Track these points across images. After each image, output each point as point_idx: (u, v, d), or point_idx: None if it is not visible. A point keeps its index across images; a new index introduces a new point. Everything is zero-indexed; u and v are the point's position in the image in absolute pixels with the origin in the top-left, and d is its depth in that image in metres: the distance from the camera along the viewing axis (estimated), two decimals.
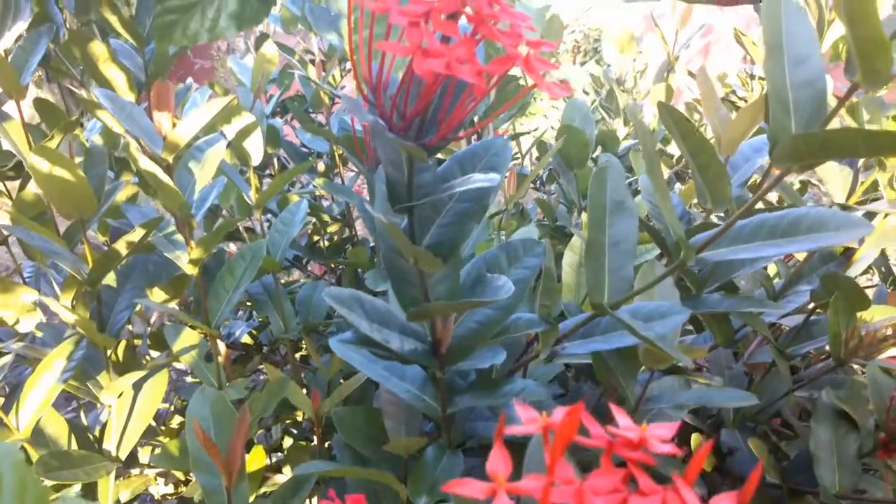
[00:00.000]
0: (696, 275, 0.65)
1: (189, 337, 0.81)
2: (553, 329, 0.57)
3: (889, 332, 0.67)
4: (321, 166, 1.32)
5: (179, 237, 0.72)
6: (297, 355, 1.11)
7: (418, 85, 0.36)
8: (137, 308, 0.81)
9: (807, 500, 0.68)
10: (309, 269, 1.34)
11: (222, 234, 0.69)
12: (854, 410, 0.63)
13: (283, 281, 1.34)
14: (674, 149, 1.25)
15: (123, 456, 0.71)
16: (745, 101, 1.28)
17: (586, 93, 1.52)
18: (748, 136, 0.64)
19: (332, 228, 1.25)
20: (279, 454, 1.07)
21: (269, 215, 1.22)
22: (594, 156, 1.14)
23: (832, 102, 0.45)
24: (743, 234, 0.49)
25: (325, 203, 1.28)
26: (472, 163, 0.46)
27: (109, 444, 0.72)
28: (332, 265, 1.24)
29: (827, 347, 0.67)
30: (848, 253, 0.68)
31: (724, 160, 0.64)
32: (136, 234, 0.66)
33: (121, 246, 0.66)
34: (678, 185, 1.27)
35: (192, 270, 0.71)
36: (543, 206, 1.07)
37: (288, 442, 1.00)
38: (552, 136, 1.18)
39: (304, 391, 1.03)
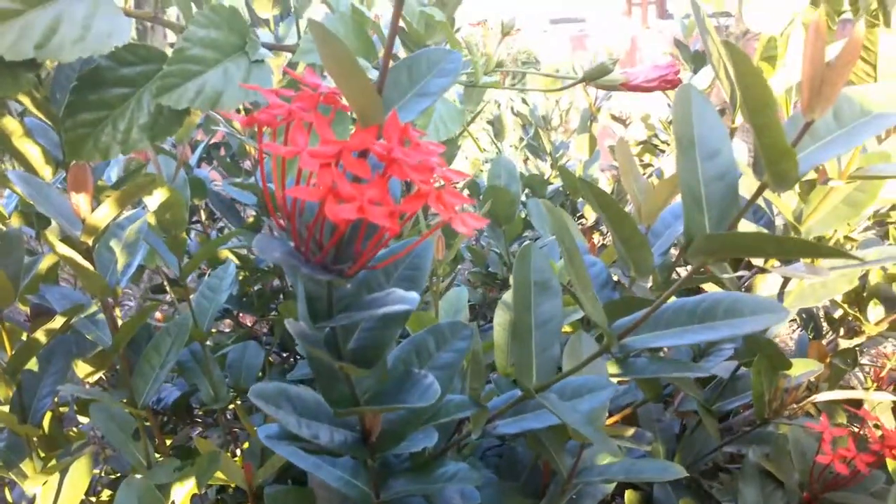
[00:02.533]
0: None
1: None
2: (483, 411, 0.57)
3: (810, 385, 0.69)
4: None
5: (102, 317, 0.71)
6: (232, 406, 1.09)
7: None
8: None
9: None
10: (240, 318, 1.32)
11: (145, 318, 0.68)
12: (779, 469, 0.65)
13: (213, 330, 1.31)
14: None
15: None
16: (668, 145, 1.31)
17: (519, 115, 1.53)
18: (668, 205, 0.65)
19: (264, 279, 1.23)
20: None
21: None
22: (523, 199, 1.16)
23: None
24: (663, 319, 0.50)
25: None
26: (394, 264, 0.46)
27: None
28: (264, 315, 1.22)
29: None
30: None
31: (646, 229, 0.65)
32: (57, 322, 0.64)
33: (40, 335, 0.64)
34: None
35: (115, 353, 0.69)
36: (475, 253, 1.07)
37: None
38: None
39: (238, 452, 1.02)
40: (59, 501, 0.71)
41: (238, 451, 1.02)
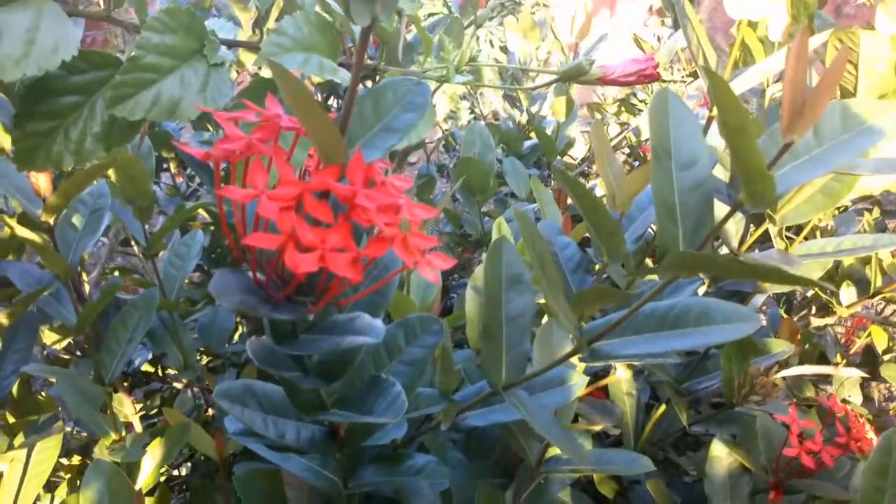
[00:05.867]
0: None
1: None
2: (453, 405, 0.57)
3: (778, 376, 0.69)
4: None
5: (66, 295, 0.69)
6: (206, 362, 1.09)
7: None
8: None
9: None
10: (212, 273, 1.30)
11: (109, 298, 0.67)
12: (747, 455, 0.65)
13: (186, 281, 1.29)
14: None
15: None
16: (645, 104, 1.29)
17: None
18: (642, 191, 0.64)
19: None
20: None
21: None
22: (499, 156, 1.14)
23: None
24: (634, 324, 0.49)
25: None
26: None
27: None
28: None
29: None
30: (740, 295, 0.70)
31: (619, 215, 0.64)
32: (20, 305, 0.63)
33: (2, 317, 0.63)
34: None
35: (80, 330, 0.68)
36: (449, 214, 1.06)
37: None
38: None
39: (209, 411, 1.01)
40: (27, 474, 0.70)
41: (209, 412, 1.01)
